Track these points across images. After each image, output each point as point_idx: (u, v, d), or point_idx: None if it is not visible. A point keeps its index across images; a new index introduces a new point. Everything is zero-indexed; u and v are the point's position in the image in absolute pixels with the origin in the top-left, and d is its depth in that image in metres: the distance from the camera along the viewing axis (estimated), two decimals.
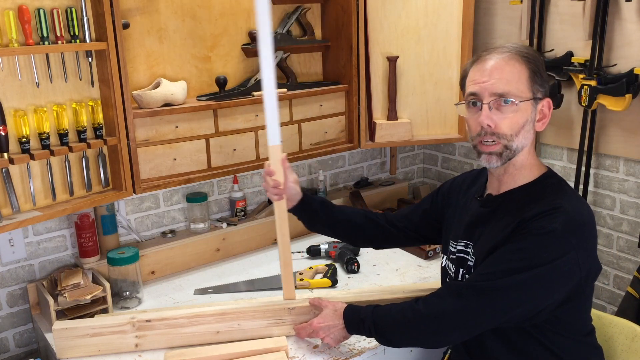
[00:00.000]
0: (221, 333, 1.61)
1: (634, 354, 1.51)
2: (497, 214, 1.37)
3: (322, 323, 1.51)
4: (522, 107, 1.28)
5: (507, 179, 1.37)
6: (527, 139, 1.32)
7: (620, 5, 1.90)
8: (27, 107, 1.61)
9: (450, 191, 1.61)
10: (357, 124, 2.24)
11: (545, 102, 1.33)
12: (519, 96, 1.28)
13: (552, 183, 1.35)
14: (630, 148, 1.98)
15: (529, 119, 1.30)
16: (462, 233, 1.46)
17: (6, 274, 1.85)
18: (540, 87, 1.31)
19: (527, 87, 1.29)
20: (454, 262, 1.47)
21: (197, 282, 2.02)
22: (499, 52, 1.31)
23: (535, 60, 1.30)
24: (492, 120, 1.29)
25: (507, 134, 1.29)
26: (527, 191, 1.34)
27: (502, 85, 1.27)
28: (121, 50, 1.67)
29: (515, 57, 1.29)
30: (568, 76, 2.05)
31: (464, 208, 1.51)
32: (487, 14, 2.34)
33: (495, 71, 1.29)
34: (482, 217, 1.41)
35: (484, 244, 1.36)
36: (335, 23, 2.19)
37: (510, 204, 1.35)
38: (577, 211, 1.28)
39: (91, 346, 1.58)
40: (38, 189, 1.66)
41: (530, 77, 1.29)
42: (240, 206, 2.27)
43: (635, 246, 2.03)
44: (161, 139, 1.84)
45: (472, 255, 1.40)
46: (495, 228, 1.35)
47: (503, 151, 1.31)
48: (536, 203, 1.30)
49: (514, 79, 1.28)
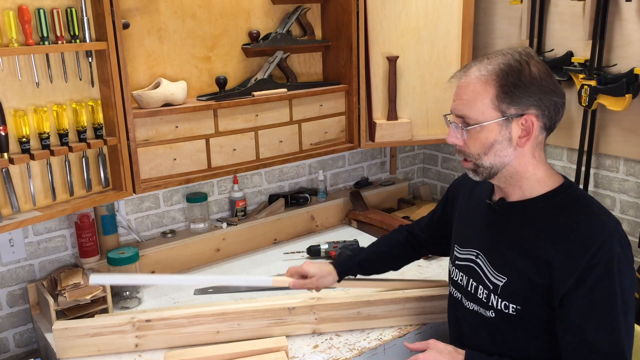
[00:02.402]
0: (221, 333, 1.61)
1: (634, 354, 1.50)
2: (514, 222, 1.32)
3: None
4: (486, 127, 1.24)
5: (513, 190, 1.32)
6: (505, 157, 1.26)
7: (620, 5, 1.90)
8: (27, 107, 1.61)
9: (457, 192, 1.57)
10: (357, 124, 2.24)
11: (527, 117, 1.23)
12: (477, 118, 1.24)
13: (574, 195, 1.30)
14: (630, 148, 1.98)
15: (498, 138, 1.24)
16: (470, 241, 1.41)
17: (6, 274, 1.85)
18: (514, 104, 1.22)
19: (490, 107, 1.23)
20: (462, 270, 1.42)
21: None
22: (473, 69, 1.26)
23: (507, 76, 1.22)
24: (457, 139, 1.29)
25: (474, 153, 1.28)
26: (548, 202, 1.29)
27: (462, 107, 1.26)
28: (121, 50, 1.67)
29: (483, 77, 1.23)
30: (568, 76, 2.05)
31: (468, 211, 1.47)
32: (487, 14, 2.34)
33: (460, 91, 1.27)
34: (494, 224, 1.36)
35: (503, 255, 1.32)
36: (335, 23, 2.19)
37: (530, 214, 1.29)
38: (616, 224, 1.25)
39: (91, 346, 1.58)
40: (38, 189, 1.66)
41: (496, 96, 1.22)
42: (240, 206, 2.27)
43: (635, 246, 2.03)
44: (161, 139, 1.84)
45: (487, 266, 1.34)
46: (514, 239, 1.30)
47: (476, 168, 1.30)
48: (568, 221, 1.25)
49: (474, 100, 1.24)
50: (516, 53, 1.25)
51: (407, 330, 1.68)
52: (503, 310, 1.30)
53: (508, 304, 1.29)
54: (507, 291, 1.29)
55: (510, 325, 1.30)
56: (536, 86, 1.22)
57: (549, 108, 1.24)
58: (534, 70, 1.23)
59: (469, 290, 1.39)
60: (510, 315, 1.29)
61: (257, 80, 2.04)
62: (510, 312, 1.29)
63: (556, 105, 1.24)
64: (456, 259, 1.45)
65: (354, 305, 1.67)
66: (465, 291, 1.41)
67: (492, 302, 1.32)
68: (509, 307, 1.29)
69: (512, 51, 1.26)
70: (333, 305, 1.66)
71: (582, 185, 2.08)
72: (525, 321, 1.28)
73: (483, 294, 1.34)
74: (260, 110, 2.02)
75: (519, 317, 1.28)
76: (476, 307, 1.37)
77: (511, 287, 1.29)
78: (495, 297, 1.31)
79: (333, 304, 1.66)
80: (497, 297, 1.31)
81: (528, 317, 1.27)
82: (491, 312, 1.32)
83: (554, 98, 1.24)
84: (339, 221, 2.51)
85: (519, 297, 1.28)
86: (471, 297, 1.38)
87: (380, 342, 1.62)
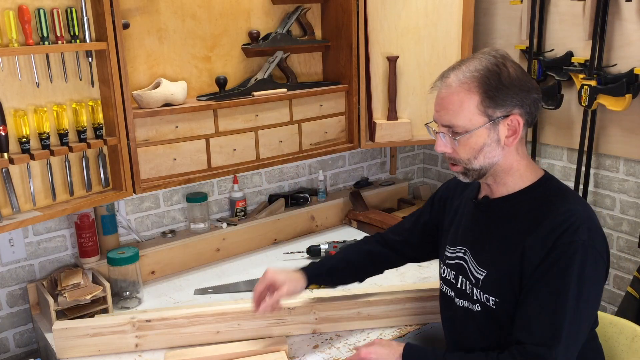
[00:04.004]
0: (221, 333, 1.61)
1: (634, 354, 1.51)
2: (496, 218, 1.35)
3: (371, 355, 1.37)
4: (475, 133, 1.25)
5: (498, 187, 1.35)
6: (493, 157, 1.28)
7: (620, 5, 1.90)
8: (27, 107, 1.61)
9: (445, 196, 1.58)
10: (357, 124, 2.24)
11: (512, 118, 1.25)
12: (466, 126, 1.25)
13: (552, 187, 1.33)
14: (630, 148, 1.98)
15: (487, 141, 1.26)
16: (458, 239, 1.44)
17: (6, 274, 1.85)
18: (499, 106, 1.24)
19: (477, 113, 1.24)
20: (452, 268, 1.45)
21: (197, 282, 2.02)
22: (451, 77, 1.27)
23: (488, 80, 1.23)
24: (446, 147, 1.30)
25: (464, 158, 1.29)
26: (527, 195, 1.32)
27: (448, 117, 1.27)
28: (121, 50, 1.67)
29: (464, 84, 1.24)
30: (568, 76, 2.05)
31: (458, 211, 1.49)
32: (487, 14, 2.34)
33: (444, 101, 1.28)
34: (479, 221, 1.39)
35: (485, 250, 1.34)
36: (335, 23, 2.19)
37: (510, 209, 1.33)
38: (590, 215, 1.27)
39: (91, 346, 1.58)
40: (38, 189, 1.66)
41: (481, 101, 1.23)
42: (240, 206, 2.27)
43: (635, 246, 2.03)
44: (161, 139, 1.84)
45: (471, 261, 1.37)
46: (495, 233, 1.33)
47: (465, 172, 1.32)
48: (542, 210, 1.27)
49: (460, 109, 1.25)
50: (491, 56, 1.27)
51: (407, 330, 1.68)
52: (486, 303, 1.33)
53: (489, 296, 1.32)
54: (487, 284, 1.33)
55: (493, 318, 1.33)
56: (516, 86, 1.25)
57: (530, 105, 1.27)
58: (511, 70, 1.25)
59: (458, 287, 1.42)
60: (492, 309, 1.32)
61: (257, 80, 2.04)
62: (491, 305, 1.32)
63: (535, 102, 1.28)
64: (447, 259, 1.47)
65: (354, 305, 1.67)
66: (456, 288, 1.43)
67: (476, 295, 1.35)
68: (490, 300, 1.32)
69: (486, 54, 1.28)
70: (333, 305, 1.66)
71: (582, 185, 2.08)
72: (505, 314, 1.30)
73: (469, 289, 1.38)
74: (260, 110, 2.02)
75: (499, 310, 1.31)
76: (465, 303, 1.39)
77: (490, 280, 1.32)
78: (478, 291, 1.35)
79: (333, 304, 1.66)
80: (479, 290, 1.34)
81: (507, 309, 1.30)
82: (477, 305, 1.35)
83: (533, 95, 1.27)
84: (339, 221, 2.51)
85: (497, 289, 1.31)
86: (461, 294, 1.41)
87: None
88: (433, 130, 1.35)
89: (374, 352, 1.37)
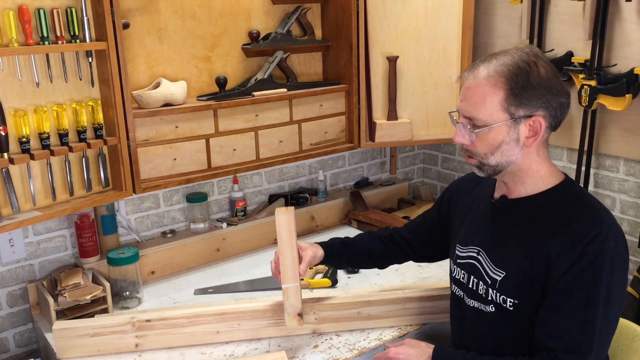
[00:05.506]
0: (221, 333, 1.61)
1: (634, 354, 1.51)
2: (515, 219, 1.33)
3: (400, 355, 1.38)
4: (494, 129, 1.24)
5: (516, 186, 1.33)
6: (511, 156, 1.27)
7: (620, 5, 1.90)
8: (27, 107, 1.61)
9: (455, 194, 1.57)
10: (357, 124, 2.24)
11: (535, 119, 1.23)
12: (486, 120, 1.24)
13: (574, 191, 1.31)
14: (630, 148, 1.98)
15: (505, 139, 1.25)
16: (471, 239, 1.42)
17: (6, 274, 1.85)
18: (523, 105, 1.22)
19: (499, 109, 1.23)
20: (463, 268, 1.43)
21: (197, 282, 2.02)
22: (480, 69, 1.25)
23: (516, 77, 1.21)
24: (464, 138, 1.29)
25: (481, 152, 1.28)
26: (549, 198, 1.30)
27: (470, 108, 1.26)
28: (121, 50, 1.67)
29: (491, 78, 1.22)
30: (568, 76, 2.04)
31: (470, 209, 1.48)
32: (487, 14, 2.34)
33: (468, 92, 1.26)
34: (495, 221, 1.37)
35: (502, 250, 1.33)
36: (335, 23, 2.19)
37: (531, 210, 1.31)
38: (614, 221, 1.27)
39: (91, 346, 1.58)
40: (38, 189, 1.66)
41: (505, 98, 1.21)
42: (240, 206, 2.27)
43: (635, 246, 2.03)
44: (161, 139, 1.84)
45: (486, 262, 1.36)
46: (514, 234, 1.31)
47: (481, 166, 1.31)
48: (566, 214, 1.26)
49: (482, 102, 1.23)
50: (524, 53, 1.24)
51: (407, 330, 1.68)
52: (502, 305, 1.31)
53: (506, 298, 1.30)
54: (505, 286, 1.31)
55: (508, 320, 1.31)
56: (544, 87, 1.22)
57: (556, 109, 1.25)
58: (542, 71, 1.23)
59: (470, 287, 1.40)
60: (508, 310, 1.30)
61: (257, 80, 2.04)
62: (507, 306, 1.30)
63: (562, 106, 1.25)
64: (457, 258, 1.46)
65: (354, 305, 1.67)
66: (466, 288, 1.42)
67: (491, 296, 1.33)
68: (507, 302, 1.30)
69: (519, 51, 1.25)
70: (333, 305, 1.66)
71: (582, 185, 2.08)
72: (523, 316, 1.29)
73: (482, 289, 1.36)
74: (260, 110, 2.02)
75: (516, 311, 1.29)
76: (477, 303, 1.38)
77: (509, 282, 1.30)
78: (493, 292, 1.33)
79: (333, 304, 1.66)
80: (495, 291, 1.32)
81: (525, 311, 1.28)
82: (491, 306, 1.34)
83: (560, 99, 1.24)
84: (339, 221, 2.51)
85: (516, 291, 1.29)
86: (472, 294, 1.39)
87: (380, 342, 1.62)
88: (454, 120, 1.33)
89: (402, 352, 1.38)
